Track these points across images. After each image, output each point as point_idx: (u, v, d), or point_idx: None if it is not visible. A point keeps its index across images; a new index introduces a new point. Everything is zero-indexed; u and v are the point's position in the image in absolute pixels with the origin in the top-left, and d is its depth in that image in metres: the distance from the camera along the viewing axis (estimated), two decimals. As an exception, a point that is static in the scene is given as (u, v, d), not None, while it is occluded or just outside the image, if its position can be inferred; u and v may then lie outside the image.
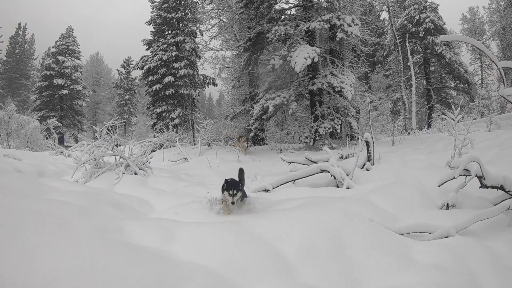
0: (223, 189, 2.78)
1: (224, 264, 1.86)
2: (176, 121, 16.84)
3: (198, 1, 18.10)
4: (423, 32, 20.69)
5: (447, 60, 20.19)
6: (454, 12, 34.30)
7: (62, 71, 28.30)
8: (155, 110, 17.50)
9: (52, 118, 22.18)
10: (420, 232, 2.69)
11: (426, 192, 3.70)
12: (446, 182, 3.33)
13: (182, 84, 17.14)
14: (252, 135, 11.28)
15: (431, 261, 2.19)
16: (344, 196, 3.75)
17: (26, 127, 16.65)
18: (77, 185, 4.35)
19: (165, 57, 17.11)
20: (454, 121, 4.84)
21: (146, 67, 17.43)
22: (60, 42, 29.38)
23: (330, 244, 2.23)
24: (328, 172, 5.01)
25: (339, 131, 11.13)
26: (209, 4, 15.72)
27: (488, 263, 2.17)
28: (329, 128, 10.15)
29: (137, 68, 18.43)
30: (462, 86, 21.42)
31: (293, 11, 11.82)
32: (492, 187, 3.10)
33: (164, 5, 17.76)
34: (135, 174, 5.82)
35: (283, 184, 5.05)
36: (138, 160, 6.28)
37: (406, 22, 21.58)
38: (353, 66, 13.19)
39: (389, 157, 6.16)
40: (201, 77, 18.26)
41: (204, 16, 16.65)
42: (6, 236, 1.48)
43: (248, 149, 9.61)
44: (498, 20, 28.50)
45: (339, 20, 9.81)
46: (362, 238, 2.34)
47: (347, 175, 4.81)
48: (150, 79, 17.53)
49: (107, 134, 6.65)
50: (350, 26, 9.80)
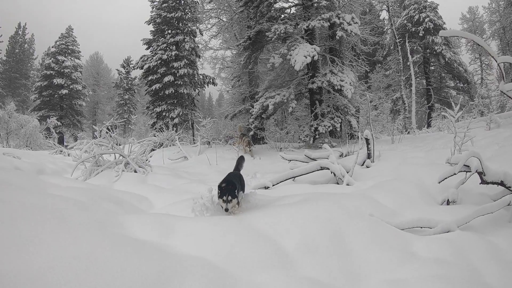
0: (218, 195, 2.64)
1: (223, 257, 1.85)
2: (176, 120, 16.83)
3: (198, 0, 18.11)
4: (423, 32, 20.72)
5: (446, 59, 20.20)
6: (454, 12, 34.35)
7: (62, 70, 28.27)
8: (154, 110, 17.48)
9: (52, 118, 22.15)
10: (421, 227, 2.69)
11: (426, 188, 3.70)
12: (446, 178, 3.32)
13: (181, 83, 17.13)
14: (252, 133, 11.26)
15: (432, 255, 2.18)
16: (344, 192, 3.74)
17: (26, 127, 16.64)
18: (76, 182, 4.34)
19: (165, 56, 17.10)
20: (454, 117, 4.83)
21: (146, 66, 17.43)
22: (60, 42, 29.35)
23: (330, 239, 2.22)
24: (328, 169, 5.01)
25: (339, 129, 11.14)
26: (208, 3, 15.73)
27: (489, 257, 2.17)
28: (329, 127, 10.14)
29: (137, 68, 18.41)
30: (462, 85, 21.43)
31: (293, 10, 11.82)
32: (493, 183, 3.09)
33: (164, 4, 17.74)
34: (135, 172, 5.82)
35: (283, 181, 5.05)
36: (137, 158, 6.27)
37: (405, 21, 21.59)
38: (352, 65, 13.18)
39: (389, 154, 6.17)
40: (200, 76, 18.24)
41: (203, 15, 16.66)
42: (4, 228, 1.47)
43: (251, 151, 9.44)
44: (497, 20, 28.53)
45: (338, 18, 9.81)
46: (362, 233, 2.33)
47: (347, 172, 4.81)
48: (150, 78, 17.52)
49: (107, 133, 6.63)
50: (349, 24, 9.79)
